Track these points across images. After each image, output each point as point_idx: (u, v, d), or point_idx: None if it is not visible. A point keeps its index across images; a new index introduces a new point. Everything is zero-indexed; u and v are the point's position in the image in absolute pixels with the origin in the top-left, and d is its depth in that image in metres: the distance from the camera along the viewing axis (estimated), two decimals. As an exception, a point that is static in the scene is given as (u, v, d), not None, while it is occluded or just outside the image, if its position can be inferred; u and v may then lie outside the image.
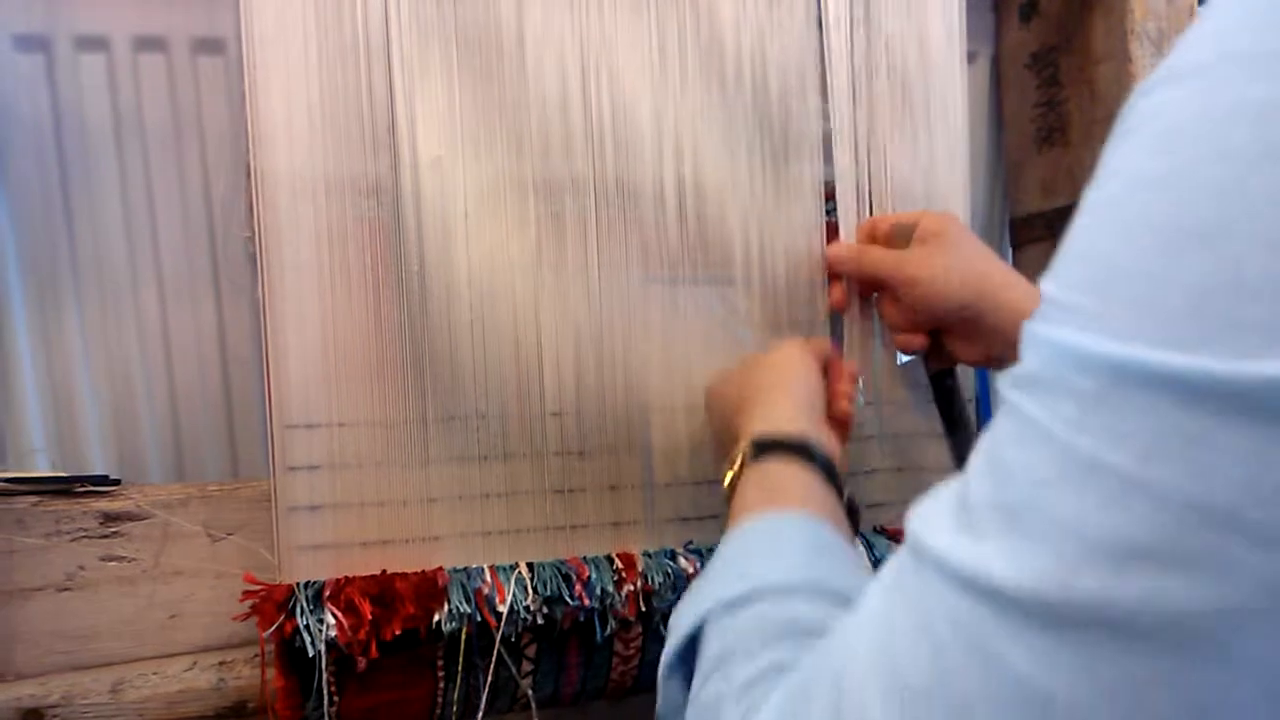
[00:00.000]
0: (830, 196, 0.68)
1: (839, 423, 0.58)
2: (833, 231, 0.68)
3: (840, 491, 0.49)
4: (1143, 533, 0.21)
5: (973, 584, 0.24)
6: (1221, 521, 0.20)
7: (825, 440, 0.52)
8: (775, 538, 0.42)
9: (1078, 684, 0.22)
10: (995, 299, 0.60)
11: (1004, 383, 0.26)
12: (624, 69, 0.64)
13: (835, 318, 0.68)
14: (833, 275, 0.67)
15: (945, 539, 0.26)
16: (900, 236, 0.65)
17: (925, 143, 0.70)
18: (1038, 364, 0.25)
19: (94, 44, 0.68)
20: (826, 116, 0.68)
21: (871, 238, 0.67)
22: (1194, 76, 0.23)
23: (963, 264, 0.61)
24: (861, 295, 0.68)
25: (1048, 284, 0.26)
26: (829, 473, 0.49)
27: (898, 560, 0.28)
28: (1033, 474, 0.24)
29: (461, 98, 0.61)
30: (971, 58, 0.84)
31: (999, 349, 0.61)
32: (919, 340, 0.65)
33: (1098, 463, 0.22)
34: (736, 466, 0.50)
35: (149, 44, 0.69)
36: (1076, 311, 0.24)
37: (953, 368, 0.67)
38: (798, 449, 0.49)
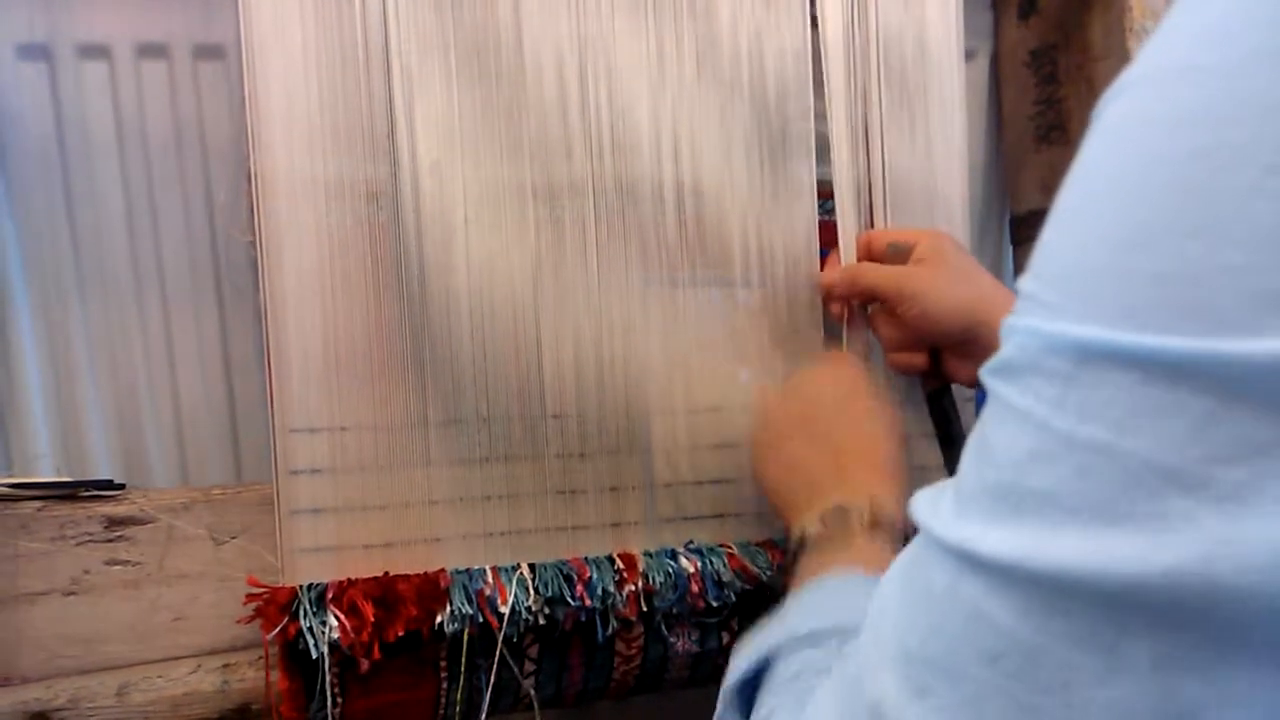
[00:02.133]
0: (828, 195, 0.68)
1: None
2: (829, 231, 0.68)
3: None
4: (1113, 498, 0.23)
5: (966, 558, 0.26)
6: (1185, 483, 0.22)
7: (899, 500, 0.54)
8: (855, 592, 0.45)
9: (1064, 641, 0.24)
10: (992, 318, 0.60)
11: (984, 371, 0.28)
12: (622, 71, 0.64)
13: (832, 326, 0.68)
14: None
15: (940, 519, 0.28)
16: (897, 255, 0.65)
17: (923, 141, 0.70)
18: (1012, 351, 0.27)
19: (96, 52, 0.68)
20: (824, 116, 0.68)
21: (868, 253, 0.67)
22: (1142, 84, 0.25)
23: (961, 283, 0.61)
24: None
25: (1024, 281, 0.28)
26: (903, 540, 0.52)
27: (907, 549, 0.31)
28: (1013, 452, 0.26)
29: (460, 102, 0.61)
30: (970, 55, 0.84)
31: None
32: (918, 359, 0.65)
33: (1071, 437, 0.24)
34: (817, 526, 0.52)
35: (150, 51, 0.69)
36: (1046, 303, 0.26)
37: (948, 386, 0.67)
38: (896, 535, 0.52)
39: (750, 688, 0.43)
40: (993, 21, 0.86)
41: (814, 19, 0.68)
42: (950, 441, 0.67)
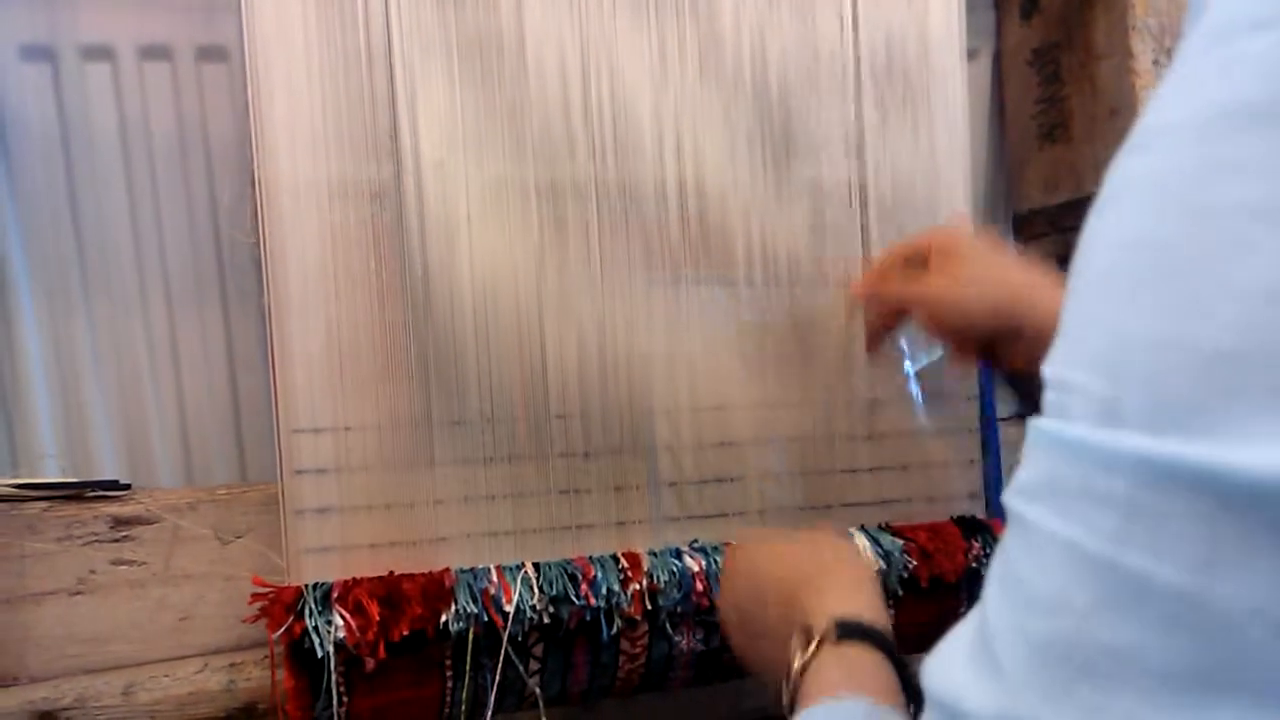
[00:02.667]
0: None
1: None
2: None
3: (905, 681, 0.47)
4: (1210, 656, 0.18)
5: None
6: None
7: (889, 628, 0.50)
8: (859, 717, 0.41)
9: None
10: (1028, 300, 0.57)
11: (1011, 495, 0.23)
12: (624, 70, 0.64)
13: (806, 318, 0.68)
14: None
15: (973, 692, 0.22)
16: (915, 264, 0.64)
17: (927, 140, 0.70)
18: (1052, 469, 0.22)
19: (99, 53, 0.69)
20: (827, 114, 0.68)
21: (885, 275, 0.65)
22: (1180, 131, 0.21)
23: (980, 273, 0.59)
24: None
25: (1051, 371, 0.23)
26: (900, 665, 0.47)
27: None
28: (1063, 599, 0.20)
29: (463, 101, 0.62)
30: (973, 55, 0.85)
31: (1044, 350, 0.59)
32: (969, 353, 0.62)
33: (1148, 580, 0.19)
34: (814, 645, 0.47)
35: (154, 52, 0.69)
36: (1090, 399, 0.21)
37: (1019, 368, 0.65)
38: (878, 640, 0.47)
39: None
40: (995, 20, 0.86)
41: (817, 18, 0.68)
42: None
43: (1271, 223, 0.19)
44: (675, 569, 0.62)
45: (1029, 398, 0.66)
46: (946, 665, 0.24)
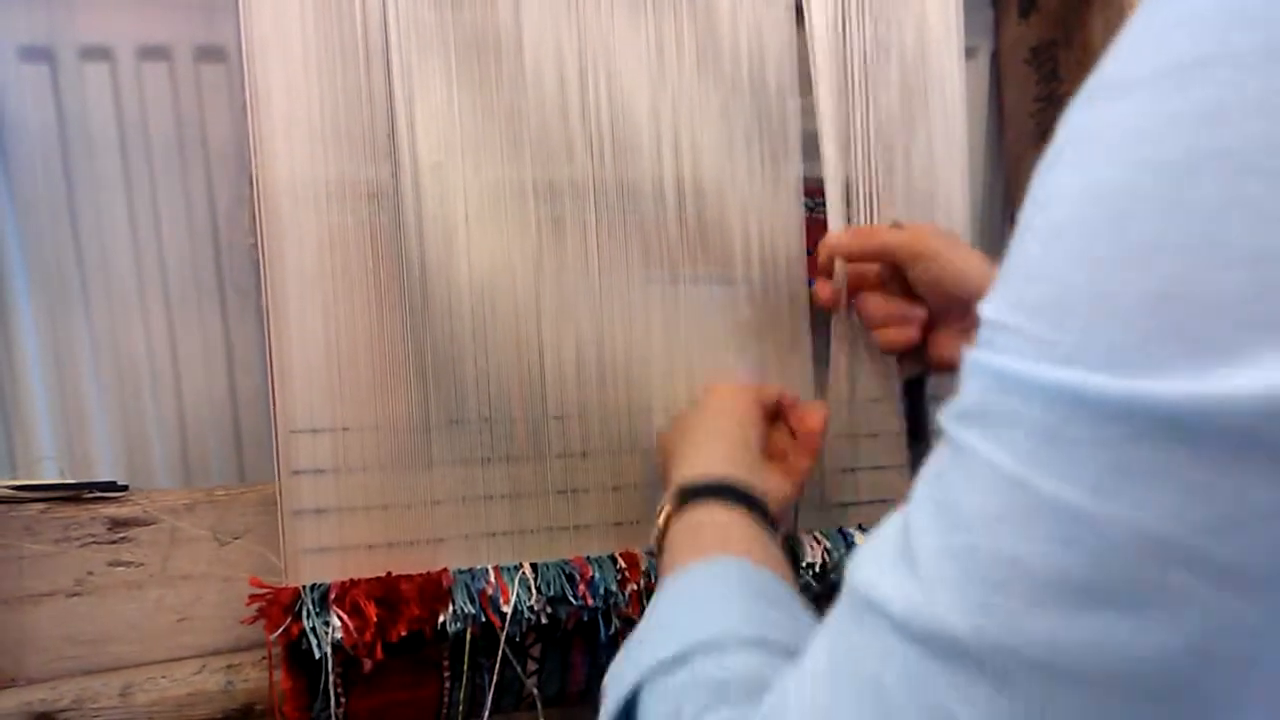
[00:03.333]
0: (818, 193, 0.68)
1: (792, 465, 0.59)
2: (818, 229, 0.67)
3: (775, 530, 0.48)
4: (1094, 571, 0.21)
5: (922, 635, 0.23)
6: (1173, 557, 0.20)
7: (762, 480, 0.51)
8: (705, 589, 0.41)
9: None
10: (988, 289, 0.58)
11: (946, 416, 0.25)
12: (622, 70, 0.64)
13: (818, 315, 0.68)
14: (821, 272, 0.67)
15: (890, 587, 0.24)
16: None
17: (924, 138, 0.70)
18: (982, 395, 0.24)
19: (98, 54, 0.69)
20: (825, 113, 0.68)
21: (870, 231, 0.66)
22: (1134, 87, 0.22)
23: (961, 249, 0.61)
24: (849, 293, 0.67)
25: (988, 308, 0.25)
26: (761, 512, 0.48)
27: (839, 613, 0.27)
28: (982, 513, 0.23)
29: (460, 102, 0.62)
30: (971, 53, 0.84)
31: None
32: (910, 333, 0.63)
33: (1049, 499, 0.21)
34: (663, 518, 0.49)
35: (152, 53, 0.69)
36: (1022, 336, 0.23)
37: (925, 376, 0.66)
38: (722, 491, 0.48)
39: (628, 717, 0.37)
40: (993, 19, 0.86)
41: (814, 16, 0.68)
42: (918, 436, 0.67)
43: (1213, 174, 0.20)
44: (673, 569, 0.62)
45: (914, 408, 0.66)
46: (868, 558, 0.26)
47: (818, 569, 0.64)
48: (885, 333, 0.64)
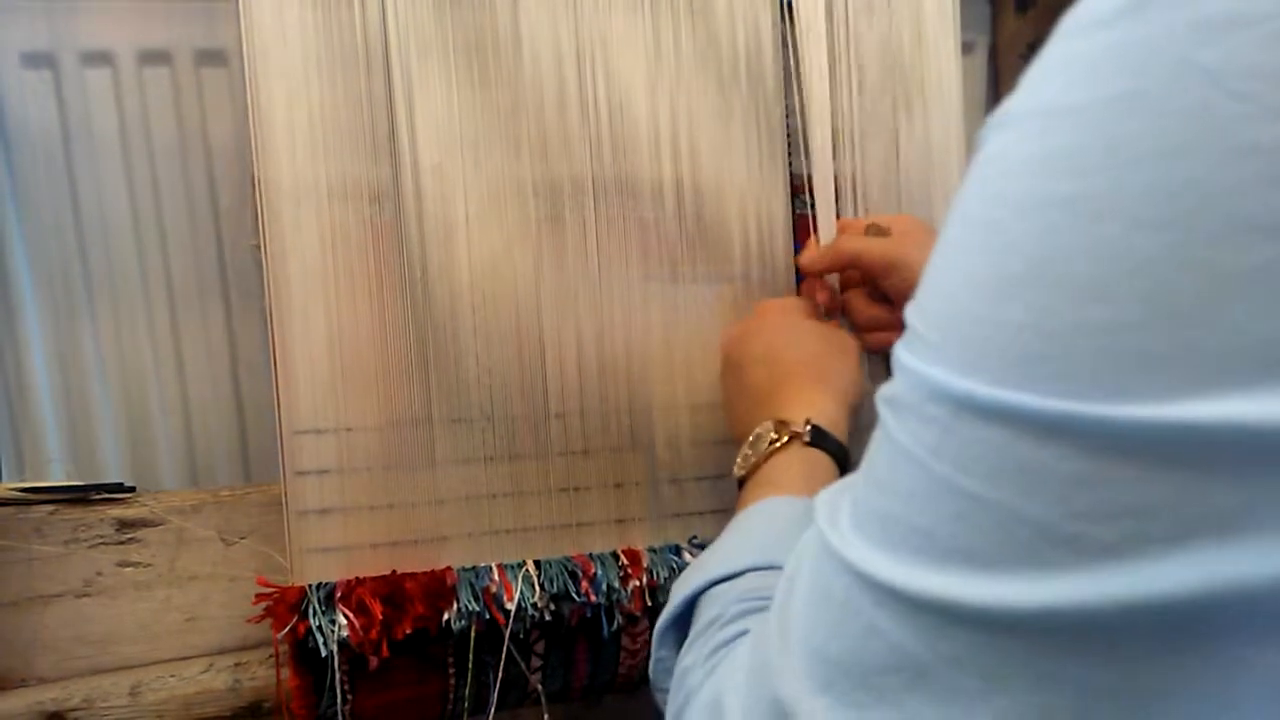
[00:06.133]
0: (807, 190, 0.68)
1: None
2: (806, 226, 0.67)
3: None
4: (985, 544, 0.24)
5: (859, 575, 0.27)
6: (1048, 536, 0.23)
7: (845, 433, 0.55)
8: (792, 520, 0.45)
9: (949, 663, 0.25)
10: None
11: (879, 396, 0.29)
12: (620, 68, 0.64)
13: None
14: (807, 276, 0.67)
15: (838, 533, 0.28)
16: (877, 234, 0.65)
17: (922, 134, 0.70)
18: (899, 386, 0.27)
19: (99, 59, 0.69)
20: (823, 109, 0.68)
21: (846, 229, 0.66)
22: (1021, 120, 0.24)
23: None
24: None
25: (909, 311, 0.28)
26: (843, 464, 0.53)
27: (811, 535, 0.31)
28: (897, 485, 0.26)
29: (460, 102, 0.62)
30: (969, 48, 0.85)
31: None
32: (894, 337, 0.63)
33: (949, 483, 0.24)
34: (787, 438, 0.53)
35: (153, 57, 0.70)
36: (927, 344, 0.26)
37: None
38: (837, 453, 0.52)
39: (681, 626, 0.44)
40: (990, 14, 0.86)
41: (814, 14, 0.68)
42: None
43: (1073, 213, 0.22)
44: (675, 565, 0.63)
45: None
46: (821, 500, 0.31)
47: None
48: (869, 335, 0.65)
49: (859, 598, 0.27)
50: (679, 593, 0.44)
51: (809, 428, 0.52)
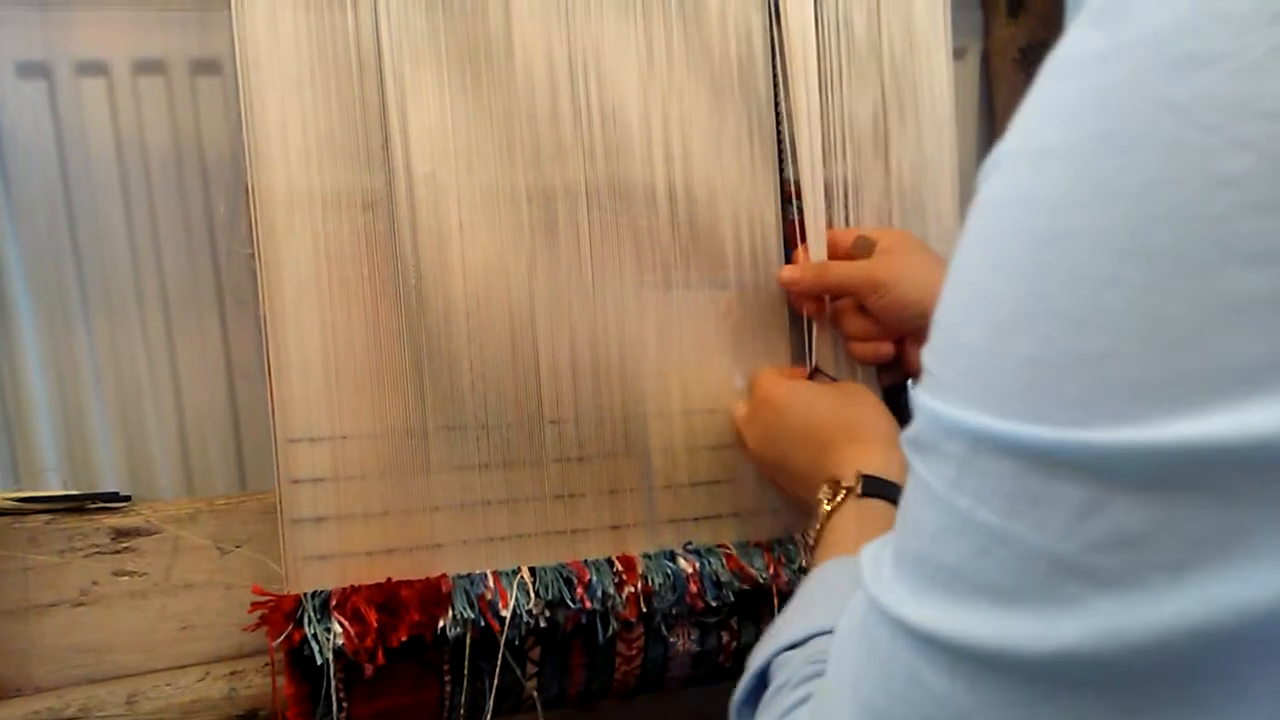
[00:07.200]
0: (797, 195, 0.68)
1: None
2: (796, 231, 0.68)
3: None
4: (1009, 580, 0.24)
5: (898, 622, 0.27)
6: (1070, 569, 0.23)
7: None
8: (847, 580, 0.45)
9: (977, 706, 0.25)
10: None
11: (904, 440, 0.29)
12: (612, 74, 0.65)
13: (794, 321, 0.68)
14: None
15: (879, 581, 0.29)
16: (863, 248, 0.65)
17: (914, 139, 0.71)
18: (920, 427, 0.28)
19: (94, 68, 0.69)
20: (814, 115, 0.68)
21: (834, 249, 0.67)
22: (1014, 160, 0.26)
23: (928, 269, 0.62)
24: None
25: (925, 353, 0.28)
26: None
27: (859, 594, 0.31)
28: (925, 524, 0.27)
29: (453, 109, 0.62)
30: (960, 53, 0.85)
31: None
32: (885, 348, 0.65)
33: (969, 518, 0.25)
34: (841, 496, 0.53)
35: (148, 67, 0.70)
36: (941, 382, 0.27)
37: (906, 382, 0.67)
38: (896, 495, 0.52)
39: (754, 699, 0.44)
40: (982, 19, 0.86)
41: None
42: None
43: (1063, 250, 0.23)
44: (669, 571, 0.63)
45: (897, 411, 0.67)
46: (867, 553, 0.31)
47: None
48: (858, 347, 0.66)
49: (901, 648, 0.27)
50: (752, 665, 0.45)
51: (860, 479, 0.53)
